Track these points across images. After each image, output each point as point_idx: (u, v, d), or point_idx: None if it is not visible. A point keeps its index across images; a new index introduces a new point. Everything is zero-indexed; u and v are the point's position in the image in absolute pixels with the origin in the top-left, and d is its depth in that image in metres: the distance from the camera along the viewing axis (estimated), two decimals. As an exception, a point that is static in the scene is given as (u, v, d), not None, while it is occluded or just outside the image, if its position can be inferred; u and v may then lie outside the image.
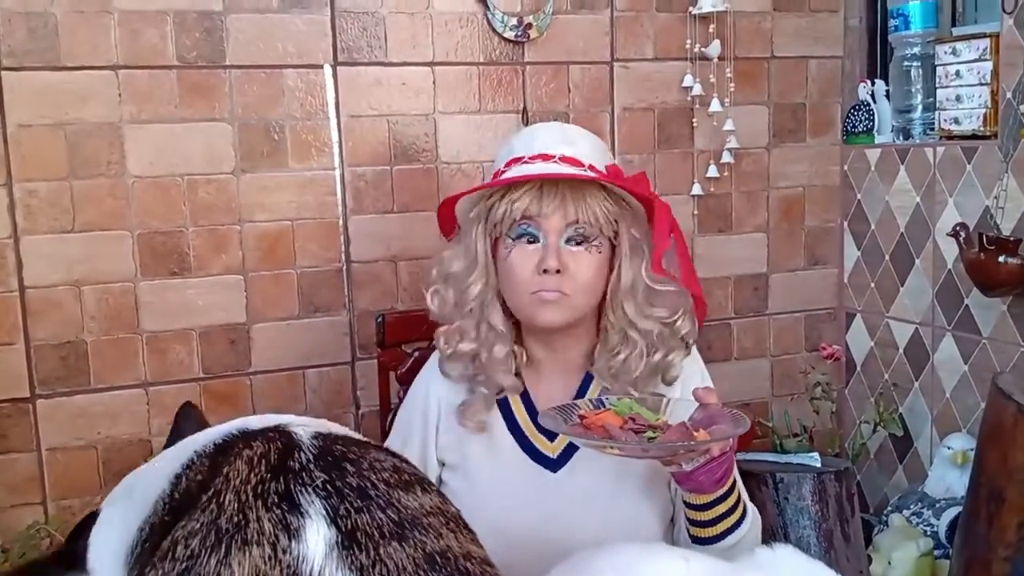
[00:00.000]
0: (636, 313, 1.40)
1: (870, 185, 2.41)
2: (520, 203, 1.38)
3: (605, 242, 1.41)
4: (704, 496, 1.29)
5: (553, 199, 1.37)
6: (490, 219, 1.42)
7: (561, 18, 2.21)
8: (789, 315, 2.51)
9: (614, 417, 1.25)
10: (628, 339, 1.41)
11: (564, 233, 1.38)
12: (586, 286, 1.39)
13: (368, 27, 2.08)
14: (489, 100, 2.19)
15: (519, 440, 1.45)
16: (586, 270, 1.39)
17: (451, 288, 1.45)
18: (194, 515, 0.79)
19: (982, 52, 2.06)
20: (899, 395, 2.36)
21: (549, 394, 1.47)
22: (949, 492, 2.08)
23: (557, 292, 1.37)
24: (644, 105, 2.31)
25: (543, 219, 1.38)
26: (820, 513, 1.82)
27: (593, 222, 1.38)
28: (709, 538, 1.33)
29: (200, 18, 1.97)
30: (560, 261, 1.37)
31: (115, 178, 1.96)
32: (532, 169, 1.40)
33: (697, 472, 1.25)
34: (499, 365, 1.43)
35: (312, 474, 0.81)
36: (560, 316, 1.40)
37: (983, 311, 2.11)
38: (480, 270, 1.43)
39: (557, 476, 1.43)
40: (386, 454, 0.89)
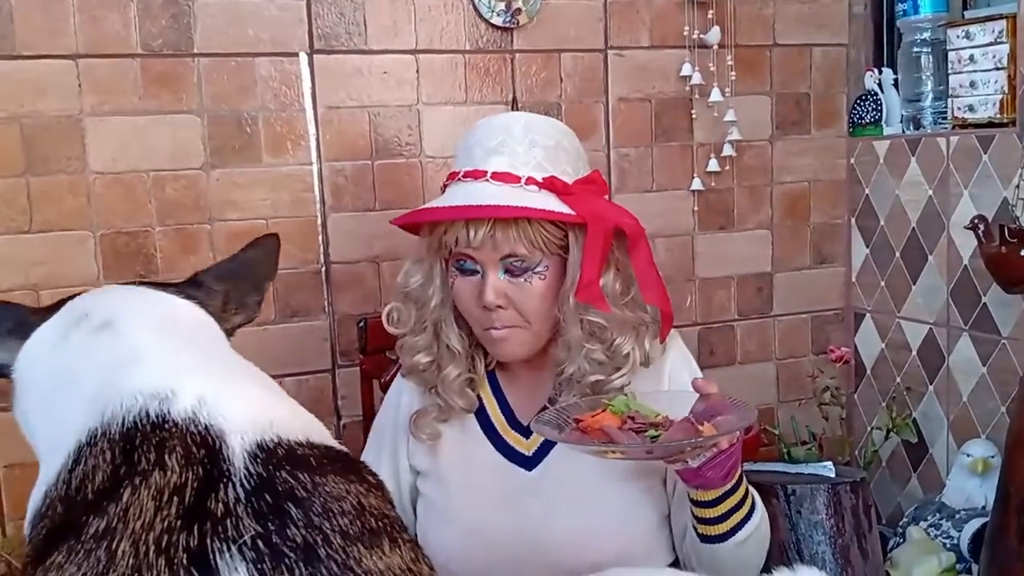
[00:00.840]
0: (575, 337, 1.32)
1: (879, 179, 2.30)
2: (449, 236, 1.30)
3: (552, 262, 1.31)
4: (712, 492, 1.21)
5: (481, 230, 1.27)
6: (433, 244, 1.34)
7: (552, 3, 2.09)
8: (795, 316, 2.39)
9: (612, 418, 1.17)
10: (571, 357, 1.33)
11: (500, 265, 1.29)
12: (536, 313, 1.31)
13: (346, 12, 1.96)
14: (476, 90, 2.07)
15: (493, 439, 1.39)
16: (531, 301, 1.30)
17: (410, 305, 1.38)
18: (76, 549, 0.63)
19: (998, 35, 1.95)
20: (912, 399, 2.24)
21: (523, 392, 1.41)
22: (969, 502, 1.96)
23: (506, 328, 1.30)
24: (640, 95, 2.19)
25: (475, 252, 1.29)
26: (835, 527, 1.70)
27: (528, 251, 1.28)
28: (718, 536, 1.25)
29: (166, 3, 1.85)
30: (500, 295, 1.29)
31: (75, 175, 1.83)
32: (457, 193, 1.30)
33: (704, 468, 1.17)
34: (451, 385, 1.36)
35: (240, 523, 0.63)
36: (517, 350, 1.33)
37: (1002, 309, 1.99)
38: (436, 286, 1.36)
39: (532, 474, 1.36)
40: (348, 483, 0.72)
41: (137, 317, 0.88)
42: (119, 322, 0.86)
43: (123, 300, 0.92)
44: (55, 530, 0.70)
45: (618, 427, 1.16)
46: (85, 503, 0.69)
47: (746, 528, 1.25)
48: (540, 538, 1.32)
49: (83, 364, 0.84)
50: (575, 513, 1.33)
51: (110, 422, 0.74)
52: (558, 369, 1.35)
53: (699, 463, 1.17)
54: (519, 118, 1.36)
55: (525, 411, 1.40)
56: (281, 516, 0.65)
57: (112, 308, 0.89)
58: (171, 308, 0.94)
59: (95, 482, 0.70)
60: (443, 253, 1.33)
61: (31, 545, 0.73)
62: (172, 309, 0.93)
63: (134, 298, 0.93)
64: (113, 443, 0.72)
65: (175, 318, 0.92)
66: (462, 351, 1.38)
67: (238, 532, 0.63)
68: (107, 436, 0.73)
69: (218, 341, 0.95)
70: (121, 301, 0.92)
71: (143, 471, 0.68)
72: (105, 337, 0.84)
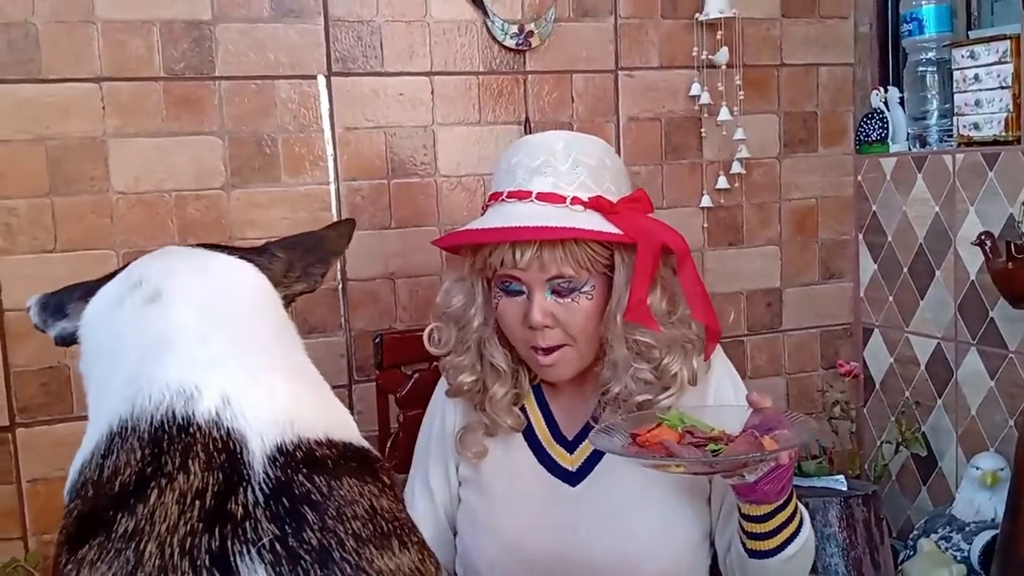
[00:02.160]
0: (622, 356, 1.31)
1: (886, 195, 2.33)
2: (494, 257, 1.29)
3: (599, 281, 1.30)
4: (765, 507, 1.20)
5: (528, 253, 1.26)
6: (476, 264, 1.34)
7: (563, 25, 2.13)
8: (804, 331, 2.42)
9: (670, 432, 1.16)
10: (617, 377, 1.32)
11: (546, 286, 1.28)
12: (582, 333, 1.30)
13: (363, 36, 2.00)
14: (490, 111, 2.10)
15: (537, 453, 1.38)
16: (578, 320, 1.30)
17: (451, 325, 1.38)
18: (107, 547, 0.66)
19: (1002, 55, 1.98)
20: (921, 413, 2.26)
21: (568, 406, 1.40)
22: (979, 515, 1.98)
23: (553, 351, 1.30)
24: (650, 115, 2.22)
25: (521, 273, 1.28)
26: (848, 540, 1.73)
27: (575, 271, 1.27)
28: (768, 551, 1.23)
29: (188, 28, 1.89)
30: (547, 315, 1.28)
31: (98, 195, 1.87)
32: (501, 214, 1.29)
33: (762, 482, 1.15)
34: (499, 404, 1.36)
35: (259, 526, 0.67)
36: (564, 372, 1.33)
37: (1010, 324, 2.01)
38: (479, 306, 1.36)
39: (576, 490, 1.35)
40: (363, 485, 0.76)
41: (186, 288, 0.89)
42: (167, 294, 0.87)
43: (178, 267, 0.92)
44: (85, 517, 0.75)
45: (677, 441, 1.15)
46: (113, 496, 0.73)
47: (795, 544, 1.24)
48: (582, 555, 1.31)
49: (130, 336, 0.86)
50: (618, 531, 1.31)
51: (139, 417, 0.78)
52: (603, 388, 1.34)
53: (756, 477, 1.15)
54: (560, 137, 1.35)
55: (570, 425, 1.39)
56: (297, 519, 0.68)
57: (165, 276, 0.90)
58: (225, 275, 0.94)
59: (123, 476, 0.74)
60: (487, 273, 1.33)
61: (64, 523, 0.78)
62: (226, 276, 0.94)
63: (189, 265, 0.93)
64: (142, 442, 0.76)
65: (227, 288, 0.92)
66: (507, 369, 1.36)
67: (257, 535, 0.66)
68: (136, 433, 0.77)
69: (268, 310, 0.94)
70: (176, 268, 0.92)
71: (168, 473, 0.72)
72: (152, 311, 0.86)
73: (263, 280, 0.96)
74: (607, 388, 1.33)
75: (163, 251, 0.99)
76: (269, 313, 0.94)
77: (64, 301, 0.98)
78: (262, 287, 0.96)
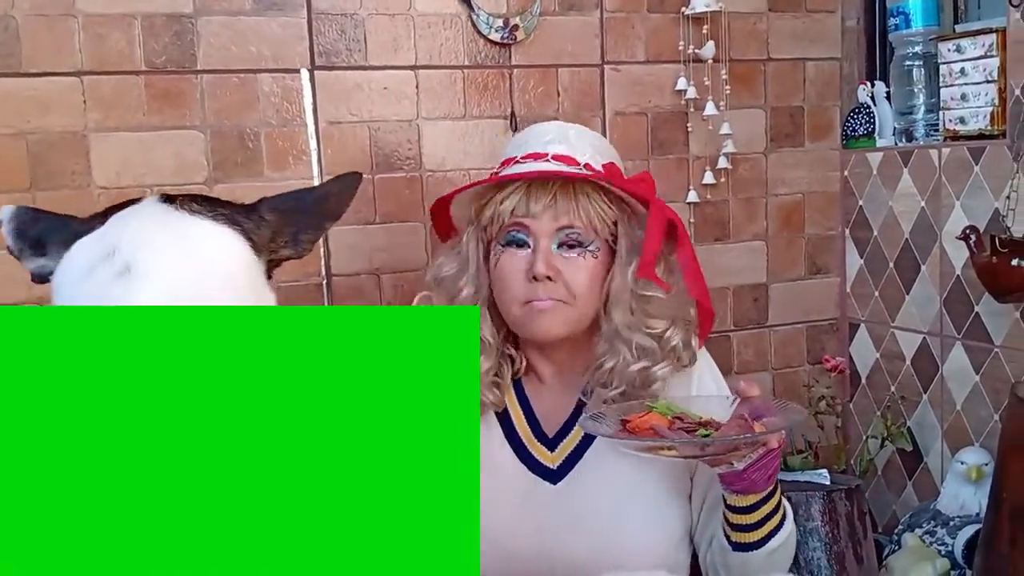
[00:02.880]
0: (624, 323, 1.32)
1: (872, 190, 2.33)
2: (507, 203, 1.31)
3: (603, 246, 1.33)
4: (751, 496, 1.21)
5: (542, 199, 1.29)
6: (480, 222, 1.35)
7: (549, 19, 2.12)
8: (790, 326, 2.42)
9: (660, 418, 1.18)
10: (612, 348, 1.33)
11: (555, 237, 1.31)
12: (583, 292, 1.31)
13: (347, 29, 1.99)
14: (475, 105, 2.10)
15: (517, 450, 1.37)
16: (581, 277, 1.31)
17: (443, 293, 1.38)
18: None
19: (988, 48, 1.98)
20: (907, 408, 2.26)
21: (550, 402, 1.40)
22: (964, 509, 1.98)
23: (550, 300, 1.29)
24: (636, 109, 2.22)
25: (532, 221, 1.30)
26: (831, 534, 1.73)
27: (586, 225, 1.30)
28: (752, 543, 1.24)
29: (169, 21, 1.88)
30: (551, 267, 1.29)
31: (80, 190, 1.86)
32: (521, 169, 1.32)
33: (751, 469, 1.17)
34: (482, 379, 1.35)
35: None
36: (556, 325, 1.32)
37: (995, 318, 2.01)
38: (471, 274, 1.36)
39: (557, 488, 1.34)
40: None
41: (158, 265, 0.86)
42: (136, 269, 0.85)
43: (153, 238, 0.89)
44: None
45: (667, 427, 1.16)
46: None
47: (778, 537, 1.25)
48: (563, 555, 1.31)
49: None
50: (600, 530, 1.31)
51: None
52: (597, 362, 1.34)
53: (744, 465, 1.16)
54: (569, 124, 1.41)
55: (551, 423, 1.39)
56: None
57: (137, 248, 0.87)
58: (203, 246, 0.91)
59: None
60: (492, 229, 1.34)
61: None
62: (204, 247, 0.91)
63: (166, 236, 0.90)
64: None
65: (203, 262, 0.89)
66: (493, 343, 1.37)
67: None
68: None
69: (247, 287, 0.92)
70: (150, 239, 0.88)
71: None
72: (117, 289, 0.84)
73: (245, 250, 0.93)
74: (601, 362, 1.33)
75: (144, 210, 0.95)
76: (247, 290, 0.92)
77: (44, 238, 0.95)
78: (243, 259, 0.93)
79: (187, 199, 0.96)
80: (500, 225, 1.33)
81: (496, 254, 1.34)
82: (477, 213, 1.36)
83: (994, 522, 1.60)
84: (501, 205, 1.31)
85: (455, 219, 1.45)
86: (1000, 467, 1.62)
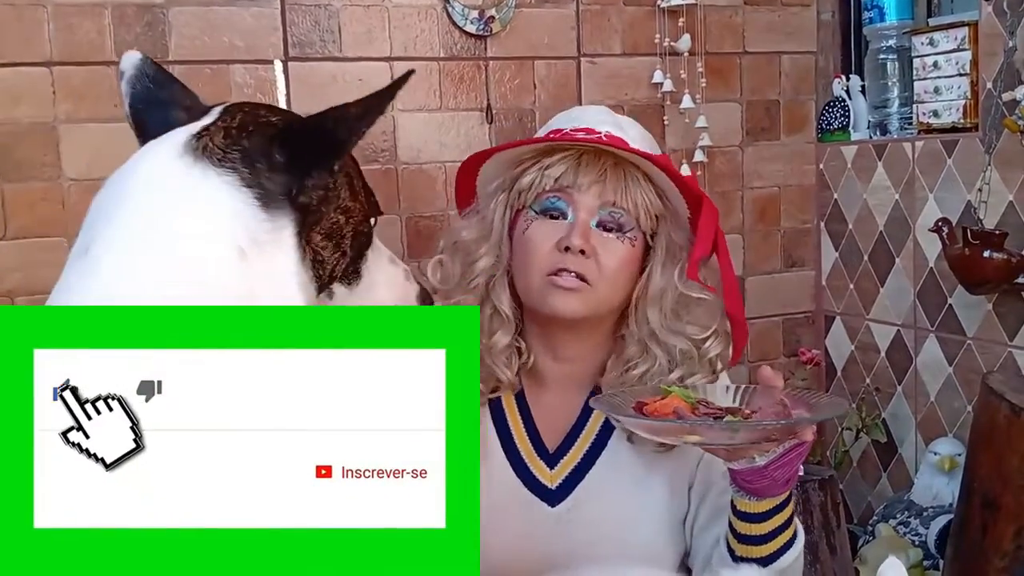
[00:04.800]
0: (661, 324, 1.23)
1: (847, 183, 2.34)
2: (554, 170, 1.22)
3: (640, 237, 1.24)
4: (765, 503, 1.10)
5: (592, 172, 1.21)
6: (516, 187, 1.25)
7: (524, 11, 2.12)
8: (767, 319, 2.43)
9: (681, 402, 1.06)
10: (648, 352, 1.24)
11: (597, 214, 1.22)
12: (611, 277, 1.22)
13: (321, 20, 1.98)
14: (451, 97, 2.09)
15: (516, 466, 1.28)
16: (614, 260, 1.21)
17: (458, 259, 1.28)
18: None
19: (960, 42, 1.99)
20: (882, 400, 2.27)
21: (552, 409, 1.30)
22: (937, 499, 2.00)
23: (577, 279, 1.20)
24: (613, 102, 2.21)
25: (576, 192, 1.21)
26: (804, 524, 1.72)
27: (631, 209, 1.22)
28: (760, 559, 1.14)
29: (140, 11, 1.86)
30: (587, 242, 1.20)
31: (50, 181, 1.84)
32: (577, 137, 1.23)
33: (772, 467, 1.05)
34: (499, 355, 1.25)
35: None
36: (577, 306, 1.21)
37: (967, 310, 2.03)
38: (493, 243, 1.27)
39: (555, 511, 1.26)
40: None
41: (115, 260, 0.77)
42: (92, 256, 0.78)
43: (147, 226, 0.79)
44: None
45: (691, 412, 1.05)
46: None
47: (788, 554, 1.15)
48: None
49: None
50: (600, 558, 1.23)
51: None
52: (627, 365, 1.25)
53: (767, 460, 1.05)
54: (618, 115, 1.33)
55: (552, 436, 1.30)
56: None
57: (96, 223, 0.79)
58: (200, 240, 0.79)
59: None
60: (527, 196, 1.24)
61: None
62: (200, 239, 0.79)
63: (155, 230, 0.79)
64: None
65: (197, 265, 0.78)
66: (512, 317, 1.27)
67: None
68: None
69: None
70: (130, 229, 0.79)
71: None
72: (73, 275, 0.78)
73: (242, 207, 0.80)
74: (631, 365, 1.24)
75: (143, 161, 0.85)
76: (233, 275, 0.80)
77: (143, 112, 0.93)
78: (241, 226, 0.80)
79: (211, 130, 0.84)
80: (539, 192, 1.23)
81: (527, 220, 1.24)
82: (514, 180, 1.26)
83: (965, 512, 1.61)
84: (547, 171, 1.22)
85: (481, 186, 1.33)
86: (970, 458, 1.63)
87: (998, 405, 1.54)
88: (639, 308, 1.25)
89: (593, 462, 1.28)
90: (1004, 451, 1.51)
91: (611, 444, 1.28)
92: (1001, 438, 1.52)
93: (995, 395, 1.56)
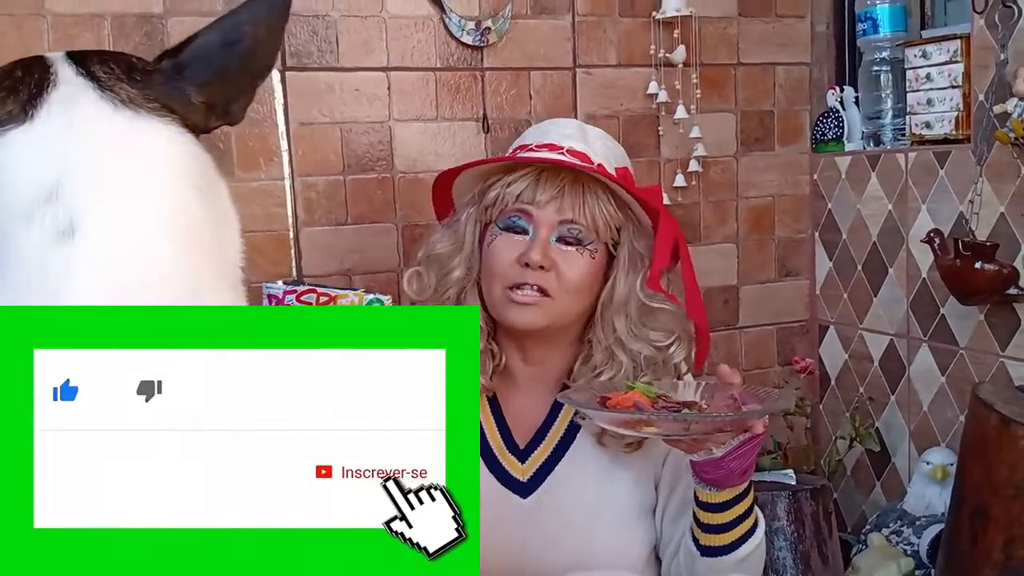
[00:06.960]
0: (626, 331, 1.30)
1: (841, 194, 2.35)
2: (515, 187, 1.29)
3: (601, 248, 1.31)
4: (725, 493, 1.19)
5: (550, 190, 1.28)
6: (483, 202, 1.34)
7: (520, 22, 2.13)
8: (761, 328, 2.44)
9: (642, 397, 1.15)
10: (614, 359, 1.31)
11: (556, 230, 1.29)
12: (572, 289, 1.29)
13: (318, 30, 2.00)
14: (447, 107, 2.10)
15: (488, 463, 1.35)
16: (575, 272, 1.29)
17: (433, 271, 1.36)
18: None
19: (952, 54, 2.01)
20: (875, 409, 2.29)
21: (522, 407, 1.37)
22: (929, 509, 2.01)
23: (536, 293, 1.27)
24: (608, 112, 2.23)
25: (536, 209, 1.28)
26: (796, 533, 1.74)
27: (589, 224, 1.29)
28: (722, 547, 1.22)
29: (140, 21, 1.88)
30: (546, 257, 1.27)
31: (49, 189, 1.85)
32: (536, 155, 1.32)
33: (729, 457, 1.14)
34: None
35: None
36: (535, 318, 1.29)
37: (959, 320, 2.04)
38: (464, 255, 1.34)
39: (527, 503, 1.33)
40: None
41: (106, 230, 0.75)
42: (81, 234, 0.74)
43: (103, 171, 0.78)
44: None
45: (650, 405, 1.14)
46: None
47: (749, 544, 1.23)
48: (535, 571, 1.29)
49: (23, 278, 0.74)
50: (571, 546, 1.29)
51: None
52: (595, 372, 1.31)
53: (724, 452, 1.14)
54: (589, 126, 1.41)
55: (522, 433, 1.37)
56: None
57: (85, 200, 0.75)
58: (159, 180, 0.81)
59: None
60: (493, 212, 1.32)
61: None
62: (159, 180, 0.81)
63: (116, 164, 0.79)
64: None
65: (157, 207, 0.79)
66: (485, 328, 1.34)
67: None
68: None
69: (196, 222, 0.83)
70: (101, 173, 0.77)
71: None
72: (57, 260, 0.74)
73: (196, 151, 0.87)
74: (598, 372, 1.31)
75: (79, 108, 0.80)
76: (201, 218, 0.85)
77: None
78: (196, 166, 0.86)
79: (109, 73, 0.83)
80: (502, 208, 1.31)
81: (492, 235, 1.32)
82: (481, 194, 1.35)
83: (955, 521, 1.62)
84: (508, 188, 1.30)
85: (456, 196, 1.42)
86: (960, 468, 1.64)
87: (988, 415, 1.55)
88: (605, 316, 1.32)
89: (561, 456, 1.35)
90: (994, 461, 1.52)
91: (578, 440, 1.35)
92: (991, 448, 1.53)
93: (985, 406, 1.57)
